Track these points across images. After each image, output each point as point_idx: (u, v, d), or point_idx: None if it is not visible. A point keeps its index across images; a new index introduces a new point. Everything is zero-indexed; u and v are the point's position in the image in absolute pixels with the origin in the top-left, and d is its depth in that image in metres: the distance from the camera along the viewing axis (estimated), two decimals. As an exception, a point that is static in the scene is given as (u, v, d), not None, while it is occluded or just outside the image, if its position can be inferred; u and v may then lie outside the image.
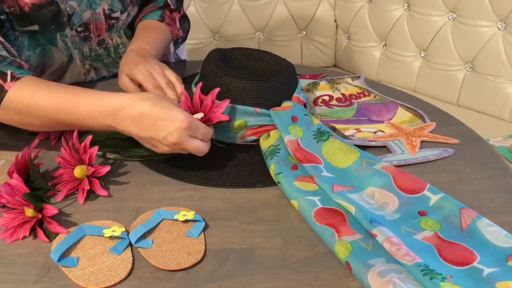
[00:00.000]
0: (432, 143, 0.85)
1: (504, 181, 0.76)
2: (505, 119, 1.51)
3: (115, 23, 1.01)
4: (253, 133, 0.82)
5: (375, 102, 0.98)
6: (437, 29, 1.59)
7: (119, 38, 1.04)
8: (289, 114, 0.81)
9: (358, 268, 0.58)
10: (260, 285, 0.58)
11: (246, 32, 1.86)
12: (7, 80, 0.75)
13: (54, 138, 0.85)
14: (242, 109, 0.80)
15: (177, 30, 1.10)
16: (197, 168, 0.78)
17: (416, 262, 0.57)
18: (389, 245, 0.60)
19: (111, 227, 0.65)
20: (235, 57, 0.90)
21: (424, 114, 0.93)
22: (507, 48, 1.45)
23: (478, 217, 0.65)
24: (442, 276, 0.56)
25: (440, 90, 1.62)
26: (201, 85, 0.78)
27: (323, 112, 0.95)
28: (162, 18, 1.06)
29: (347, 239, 0.62)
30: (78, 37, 0.96)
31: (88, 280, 0.59)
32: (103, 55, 1.02)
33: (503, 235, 0.62)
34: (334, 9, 1.85)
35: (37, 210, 0.66)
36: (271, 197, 0.73)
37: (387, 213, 0.68)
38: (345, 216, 0.67)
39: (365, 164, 0.75)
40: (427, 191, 0.70)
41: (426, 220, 0.66)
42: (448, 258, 0.61)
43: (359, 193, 0.71)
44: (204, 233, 0.66)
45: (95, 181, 0.73)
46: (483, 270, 0.59)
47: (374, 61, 1.79)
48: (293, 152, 0.76)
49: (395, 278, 0.56)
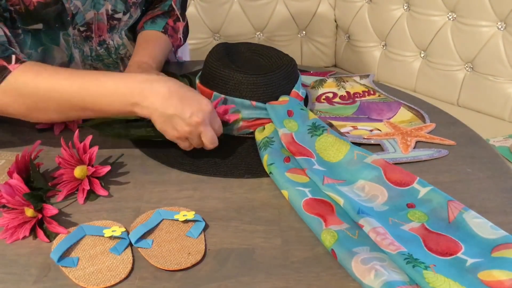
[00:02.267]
0: (427, 144, 0.85)
1: (504, 181, 0.76)
2: (505, 119, 1.51)
3: (116, 24, 1.01)
4: (248, 125, 0.84)
5: (378, 101, 0.98)
6: (437, 29, 1.59)
7: (120, 39, 1.04)
8: (285, 108, 0.83)
9: (343, 256, 0.60)
10: (260, 285, 0.58)
11: (246, 32, 1.86)
12: (11, 62, 0.75)
13: (58, 127, 0.87)
14: (239, 102, 0.82)
15: (178, 41, 1.10)
16: (191, 157, 0.81)
17: (399, 251, 0.58)
18: (374, 235, 0.61)
19: (111, 227, 0.65)
20: (240, 51, 0.93)
21: (426, 115, 0.93)
22: (507, 48, 1.46)
23: (465, 210, 0.66)
24: (425, 265, 0.57)
25: (440, 90, 1.62)
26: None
27: (323, 109, 0.95)
28: (165, 29, 1.06)
29: (334, 228, 0.64)
30: (80, 36, 0.96)
31: (88, 280, 0.59)
32: (103, 55, 1.02)
33: (489, 226, 0.63)
34: (334, 9, 1.85)
35: (37, 210, 0.66)
36: (271, 197, 0.73)
37: (376, 205, 0.69)
38: (333, 207, 0.68)
39: (356, 157, 0.76)
40: (416, 184, 0.71)
41: (414, 212, 0.68)
42: (433, 248, 0.62)
43: (350, 186, 0.73)
44: (204, 233, 0.66)
45: (95, 181, 0.73)
46: (467, 261, 0.60)
47: (374, 61, 1.79)
48: (287, 145, 0.78)
49: (377, 266, 0.57)
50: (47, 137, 0.87)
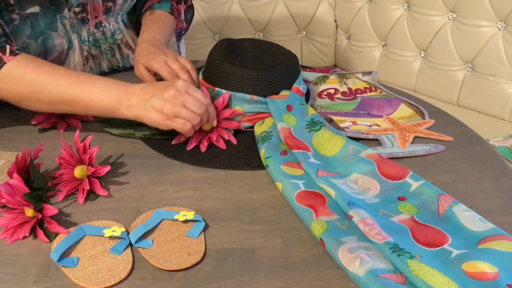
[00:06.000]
0: (425, 139, 0.85)
1: (504, 181, 0.76)
2: (505, 119, 1.51)
3: (112, 6, 1.02)
4: (249, 119, 0.85)
5: (379, 98, 0.98)
6: (437, 29, 1.59)
7: (116, 24, 1.05)
8: (285, 102, 0.84)
9: (331, 244, 0.61)
10: (260, 285, 0.58)
11: (246, 32, 1.86)
12: (6, 53, 0.81)
13: (61, 126, 0.89)
14: (240, 96, 0.84)
15: (181, 23, 1.14)
16: (192, 149, 0.82)
17: (386, 241, 0.59)
18: (363, 225, 0.62)
19: (111, 227, 0.65)
20: (243, 47, 0.94)
21: (426, 112, 0.94)
22: (507, 48, 1.45)
23: (455, 203, 0.67)
24: (411, 255, 0.58)
25: (440, 90, 1.62)
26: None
27: (324, 104, 0.96)
28: (172, 10, 1.11)
29: (324, 218, 0.65)
30: (76, 19, 0.97)
31: (88, 280, 0.59)
32: (100, 39, 1.03)
33: (477, 219, 0.64)
34: (334, 9, 1.85)
35: (37, 210, 0.66)
36: (271, 197, 0.73)
37: (368, 197, 0.70)
38: (325, 199, 0.70)
39: (351, 151, 0.78)
40: (409, 178, 0.72)
41: (404, 205, 0.69)
42: (420, 239, 0.63)
43: (343, 178, 0.74)
44: (204, 233, 0.66)
45: (95, 181, 0.73)
46: (452, 252, 0.60)
47: (374, 61, 1.79)
48: (285, 139, 0.80)
49: (363, 254, 0.58)
50: (47, 137, 0.87)
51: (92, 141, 0.76)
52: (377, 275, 0.55)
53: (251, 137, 0.84)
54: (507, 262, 0.57)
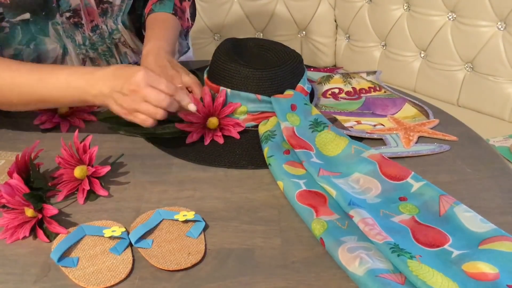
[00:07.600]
0: (430, 139, 0.85)
1: (504, 181, 0.76)
2: (505, 119, 1.51)
3: (108, 8, 0.99)
4: (253, 118, 0.86)
5: (384, 97, 0.99)
6: (437, 29, 1.59)
7: (114, 25, 1.03)
8: (289, 102, 0.84)
9: (331, 244, 0.61)
10: (260, 285, 0.58)
11: (246, 32, 1.86)
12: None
13: (64, 125, 0.89)
14: (244, 96, 0.84)
15: (186, 22, 1.10)
16: (197, 148, 0.83)
17: (386, 241, 0.59)
18: (363, 225, 0.62)
19: (111, 227, 0.65)
20: (248, 46, 0.95)
21: (430, 111, 0.94)
22: (507, 48, 1.45)
23: (456, 204, 0.67)
24: (411, 255, 0.58)
25: (440, 90, 1.62)
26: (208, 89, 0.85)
27: (328, 104, 0.96)
28: (175, 11, 1.06)
29: (324, 218, 0.65)
30: (69, 24, 0.95)
31: (88, 280, 0.59)
32: (97, 42, 1.01)
33: (478, 220, 0.64)
34: (334, 9, 1.85)
35: (37, 210, 0.66)
36: (271, 197, 0.73)
37: (369, 197, 0.70)
38: (326, 198, 0.70)
39: (353, 151, 0.78)
40: (411, 178, 0.72)
41: (406, 205, 0.69)
42: (421, 240, 0.63)
43: (345, 178, 0.74)
44: (204, 233, 0.66)
45: (95, 181, 0.73)
46: (452, 252, 0.60)
47: (374, 61, 1.79)
48: (288, 138, 0.80)
49: (363, 254, 0.58)
50: (47, 137, 0.87)
51: (92, 141, 0.75)
52: (376, 275, 0.55)
53: (255, 136, 0.84)
54: (507, 263, 0.57)
